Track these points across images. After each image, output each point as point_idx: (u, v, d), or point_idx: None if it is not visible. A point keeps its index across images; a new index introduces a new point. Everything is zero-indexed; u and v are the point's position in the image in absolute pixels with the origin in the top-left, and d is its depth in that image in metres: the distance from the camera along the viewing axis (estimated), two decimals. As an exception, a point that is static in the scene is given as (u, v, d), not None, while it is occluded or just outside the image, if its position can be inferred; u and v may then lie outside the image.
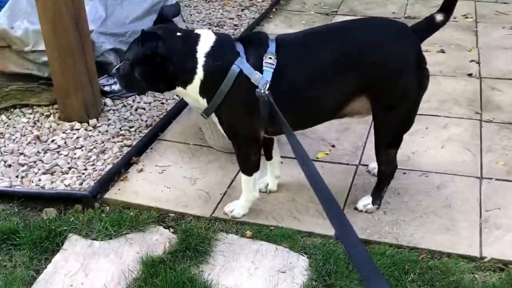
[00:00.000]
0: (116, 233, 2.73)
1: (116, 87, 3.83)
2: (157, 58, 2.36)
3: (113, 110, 3.78)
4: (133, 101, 3.87)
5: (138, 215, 2.84)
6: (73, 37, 3.32)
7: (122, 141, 3.44)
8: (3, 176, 3.16)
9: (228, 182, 3.03)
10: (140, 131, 3.56)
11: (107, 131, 3.55)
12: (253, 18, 5.11)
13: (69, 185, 3.05)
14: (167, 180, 3.06)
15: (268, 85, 2.33)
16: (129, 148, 3.34)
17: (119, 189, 3.01)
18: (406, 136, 3.09)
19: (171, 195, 2.95)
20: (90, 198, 2.91)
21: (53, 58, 3.42)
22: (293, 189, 2.95)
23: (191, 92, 2.47)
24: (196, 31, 2.49)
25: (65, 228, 2.77)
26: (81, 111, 3.57)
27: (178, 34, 2.42)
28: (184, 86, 2.46)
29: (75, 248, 2.68)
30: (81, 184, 3.05)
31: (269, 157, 2.88)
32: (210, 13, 5.23)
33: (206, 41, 2.43)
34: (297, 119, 2.53)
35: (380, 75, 2.38)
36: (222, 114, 2.50)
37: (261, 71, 2.36)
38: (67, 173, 3.17)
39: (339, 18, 5.05)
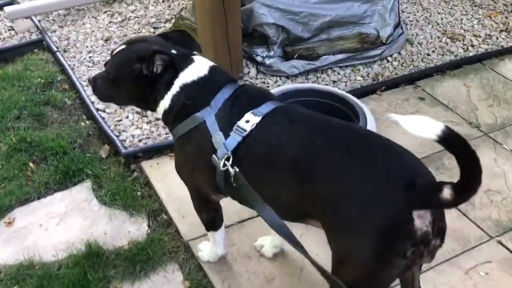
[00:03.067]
0: (110, 203, 2.72)
1: (268, 61, 3.56)
2: (151, 78, 2.02)
3: (249, 81, 3.55)
4: (275, 82, 3.55)
5: (142, 197, 2.75)
6: (214, 0, 3.17)
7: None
8: (109, 98, 3.35)
9: (246, 217, 2.64)
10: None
11: (223, 99, 3.39)
12: (502, 46, 3.99)
13: (133, 135, 3.08)
14: (200, 180, 2.82)
15: (230, 158, 1.85)
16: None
17: (157, 163, 2.93)
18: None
19: (185, 197, 2.63)
20: (125, 157, 2.91)
21: (198, 15, 3.37)
22: (286, 270, 2.42)
23: (160, 116, 2.11)
24: (194, 56, 2.07)
25: (89, 172, 2.86)
26: (211, 71, 3.48)
27: (173, 51, 2.04)
28: (154, 107, 2.09)
29: (76, 195, 2.78)
30: (140, 140, 3.05)
31: (274, 221, 2.38)
32: (461, 20, 4.27)
33: (193, 71, 2.01)
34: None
35: (327, 213, 1.67)
36: (174, 152, 2.15)
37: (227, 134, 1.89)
38: (149, 123, 3.19)
39: None
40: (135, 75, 2.00)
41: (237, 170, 1.82)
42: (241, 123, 1.87)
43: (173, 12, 4.19)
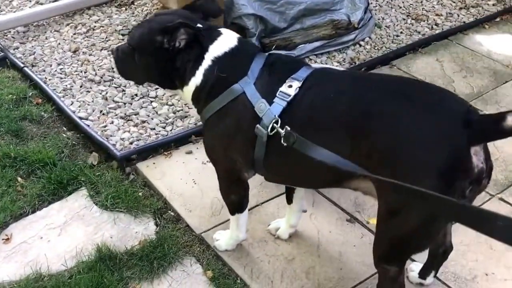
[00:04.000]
0: (112, 207, 2.63)
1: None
2: (173, 52, 1.97)
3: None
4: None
5: (144, 198, 2.67)
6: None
7: (208, 114, 3.22)
8: (89, 106, 3.25)
9: (253, 204, 2.61)
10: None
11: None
12: (464, 22, 4.15)
13: (123, 139, 3.00)
14: (201, 174, 2.78)
15: (278, 121, 1.81)
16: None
17: (153, 163, 2.86)
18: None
19: (188, 192, 2.68)
20: (119, 160, 2.82)
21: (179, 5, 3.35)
22: (304, 248, 2.40)
23: (186, 96, 2.06)
24: (220, 29, 2.05)
25: (83, 179, 2.76)
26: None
27: (198, 25, 2.00)
28: (181, 86, 2.05)
29: (74, 203, 2.67)
30: (131, 143, 2.97)
31: (289, 201, 2.37)
32: (421, 2, 4.41)
33: (223, 43, 1.98)
34: (290, 172, 1.98)
35: (385, 162, 1.65)
36: (205, 132, 2.10)
37: (271, 101, 1.86)
38: (136, 126, 3.11)
39: None
40: (155, 47, 1.93)
41: (288, 128, 1.76)
42: (284, 88, 1.84)
43: (138, 18, 4.12)
